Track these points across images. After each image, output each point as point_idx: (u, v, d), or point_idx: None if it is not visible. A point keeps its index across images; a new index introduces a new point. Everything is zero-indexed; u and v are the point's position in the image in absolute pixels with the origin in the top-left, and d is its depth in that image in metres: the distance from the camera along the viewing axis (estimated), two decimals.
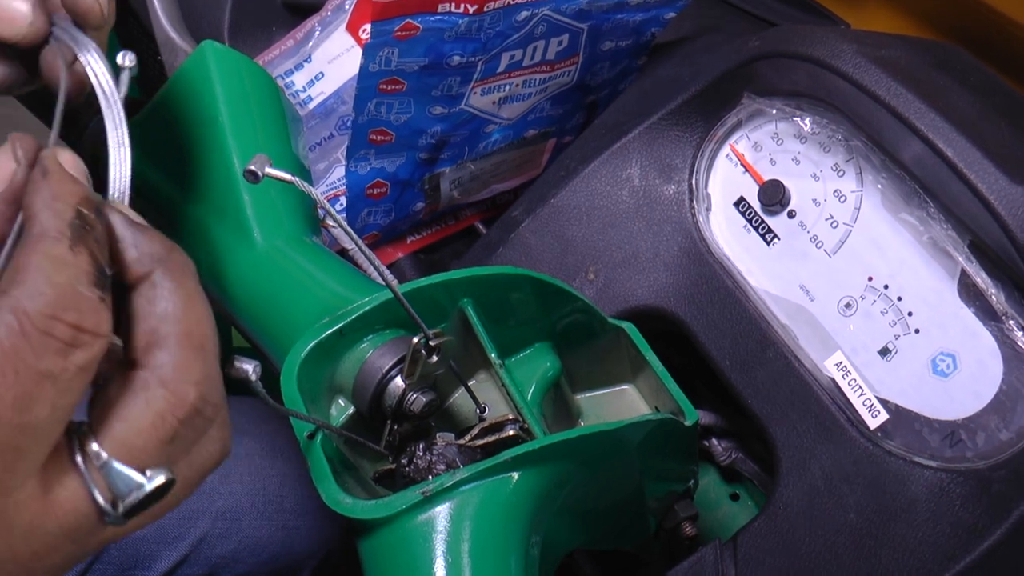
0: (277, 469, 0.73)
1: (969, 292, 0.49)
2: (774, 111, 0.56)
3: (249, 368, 0.36)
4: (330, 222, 0.55)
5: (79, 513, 0.28)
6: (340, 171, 0.69)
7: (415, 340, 0.41)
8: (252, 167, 0.37)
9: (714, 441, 0.63)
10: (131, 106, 0.58)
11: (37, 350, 0.26)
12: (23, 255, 0.27)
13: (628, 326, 0.50)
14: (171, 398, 0.29)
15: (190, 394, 0.29)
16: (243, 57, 0.55)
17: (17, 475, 0.27)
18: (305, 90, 0.74)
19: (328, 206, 0.37)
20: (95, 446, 0.28)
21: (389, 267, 0.67)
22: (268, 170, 0.37)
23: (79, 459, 0.28)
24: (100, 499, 0.28)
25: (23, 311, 0.26)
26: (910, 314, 0.50)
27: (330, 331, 0.43)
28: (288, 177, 0.37)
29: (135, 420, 0.29)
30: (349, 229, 0.38)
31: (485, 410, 0.47)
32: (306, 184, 0.37)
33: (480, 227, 0.71)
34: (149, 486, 0.28)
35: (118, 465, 0.28)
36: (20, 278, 0.27)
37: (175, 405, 0.29)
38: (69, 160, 0.31)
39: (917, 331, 0.50)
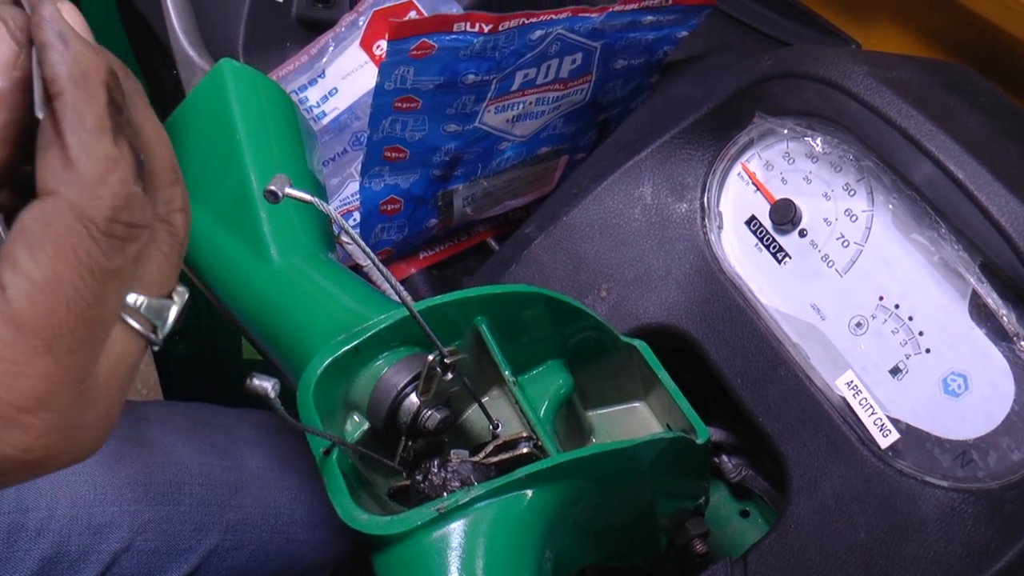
0: (288, 483, 0.73)
1: (980, 313, 0.49)
2: (785, 131, 0.56)
3: (268, 385, 0.37)
4: (345, 239, 0.56)
5: (134, 353, 0.31)
6: (353, 186, 0.70)
7: (430, 358, 0.41)
8: (272, 187, 0.37)
9: (724, 458, 0.63)
10: None
11: (105, 252, 0.28)
12: (69, 148, 0.27)
13: (640, 344, 0.50)
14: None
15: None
16: (260, 75, 0.56)
17: (94, 356, 0.29)
18: (319, 105, 0.75)
19: (346, 226, 0.38)
20: (132, 296, 0.31)
21: (402, 282, 0.67)
22: (288, 190, 0.37)
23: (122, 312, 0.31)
24: (144, 333, 0.31)
25: (88, 218, 0.27)
26: (921, 334, 0.51)
27: (346, 348, 0.43)
28: (307, 197, 0.37)
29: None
30: (367, 248, 0.39)
31: (498, 427, 0.47)
32: (324, 204, 0.38)
33: (492, 243, 0.71)
34: (179, 304, 0.32)
35: (153, 301, 0.31)
36: (74, 178, 0.27)
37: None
38: (75, 17, 0.29)
39: (928, 351, 0.50)
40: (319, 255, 0.50)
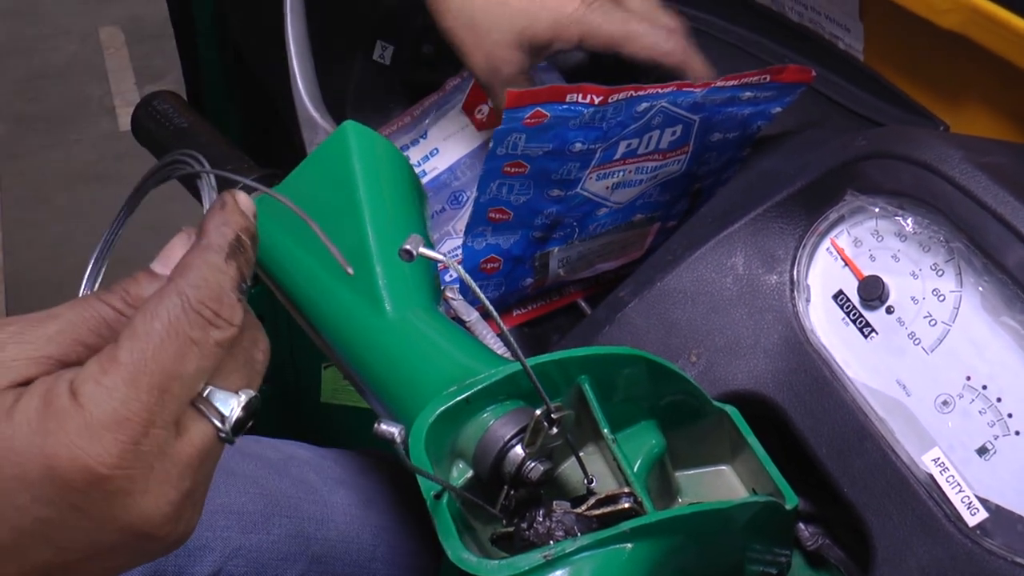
0: (371, 520, 0.76)
1: None
2: (876, 209, 0.58)
3: (395, 431, 0.40)
4: (449, 294, 0.59)
5: (207, 439, 0.36)
6: (451, 243, 0.73)
7: (537, 413, 0.44)
8: (408, 246, 0.40)
9: (801, 526, 0.64)
10: (269, 178, 0.63)
11: (191, 322, 0.35)
12: (191, 256, 0.37)
13: (731, 409, 0.52)
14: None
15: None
16: (380, 137, 0.60)
17: (165, 412, 0.34)
18: (419, 165, 0.79)
19: (473, 285, 0.41)
20: (210, 389, 0.37)
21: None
22: (422, 250, 0.41)
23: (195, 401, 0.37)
24: (217, 424, 0.36)
25: (185, 295, 0.36)
26: (1010, 416, 0.52)
27: (457, 399, 0.46)
28: (439, 257, 0.41)
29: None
30: (489, 305, 0.42)
31: (592, 481, 0.49)
32: (455, 264, 0.41)
33: (583, 304, 0.74)
34: (243, 401, 0.37)
35: (220, 393, 0.37)
36: (186, 272, 0.36)
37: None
38: (244, 201, 0.40)
39: (1017, 433, 0.51)
40: (430, 309, 0.54)
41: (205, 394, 0.36)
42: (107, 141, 2.58)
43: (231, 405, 0.37)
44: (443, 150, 0.79)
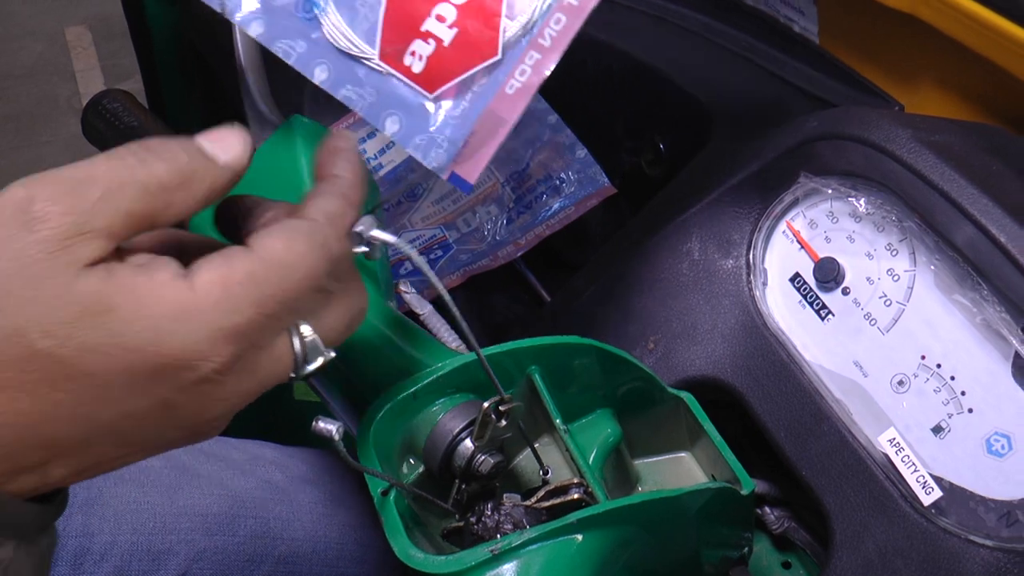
0: (339, 519, 0.75)
1: None
2: (830, 191, 0.58)
3: (333, 428, 0.39)
4: (403, 287, 0.58)
5: (283, 365, 0.35)
6: (407, 236, 0.73)
7: (486, 405, 0.44)
8: (358, 228, 0.39)
9: (767, 510, 0.64)
10: None
11: (327, 252, 0.35)
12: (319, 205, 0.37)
13: (687, 396, 0.52)
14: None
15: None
16: (327, 131, 0.59)
17: (269, 333, 0.34)
18: (376, 158, 0.78)
19: (429, 271, 0.40)
20: (307, 327, 0.36)
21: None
22: (373, 232, 0.39)
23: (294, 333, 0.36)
24: (298, 355, 0.36)
25: (323, 232, 0.36)
26: (963, 393, 0.52)
27: (404, 394, 0.46)
28: (391, 239, 0.39)
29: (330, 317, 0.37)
30: (445, 292, 0.41)
31: (548, 472, 0.49)
32: (406, 245, 0.40)
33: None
34: (326, 359, 0.36)
35: (313, 339, 0.36)
36: (323, 221, 0.36)
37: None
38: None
39: (970, 410, 0.51)
40: (382, 306, 0.53)
41: (302, 330, 0.36)
42: (78, 142, 2.55)
43: (313, 359, 0.36)
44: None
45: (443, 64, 0.45)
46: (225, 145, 0.35)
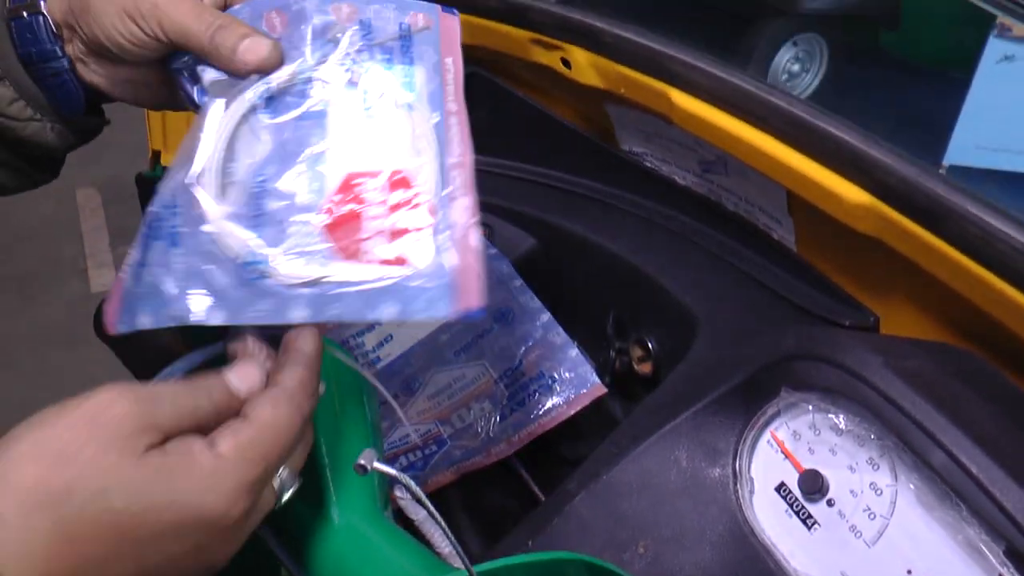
0: None
1: None
2: (810, 406, 0.60)
3: None
4: (398, 494, 0.60)
5: (272, 499, 0.45)
6: (402, 431, 0.75)
7: None
8: (362, 461, 0.43)
9: None
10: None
11: (300, 419, 0.44)
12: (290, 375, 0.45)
13: None
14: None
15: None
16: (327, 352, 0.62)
17: (268, 480, 0.44)
18: (374, 351, 0.81)
19: (428, 503, 0.42)
20: (283, 468, 0.45)
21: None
22: (376, 465, 0.43)
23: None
24: (278, 491, 0.45)
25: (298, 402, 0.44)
26: None
27: None
28: (394, 473, 0.43)
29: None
30: (438, 517, 0.43)
31: None
32: (411, 482, 0.43)
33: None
34: (295, 488, 0.46)
35: (288, 476, 0.45)
36: (294, 388, 0.45)
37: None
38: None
39: None
40: (377, 515, 0.55)
41: (280, 472, 0.45)
42: (79, 302, 2.59)
43: (287, 488, 0.45)
44: (397, 337, 0.81)
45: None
46: (245, 376, 0.45)
